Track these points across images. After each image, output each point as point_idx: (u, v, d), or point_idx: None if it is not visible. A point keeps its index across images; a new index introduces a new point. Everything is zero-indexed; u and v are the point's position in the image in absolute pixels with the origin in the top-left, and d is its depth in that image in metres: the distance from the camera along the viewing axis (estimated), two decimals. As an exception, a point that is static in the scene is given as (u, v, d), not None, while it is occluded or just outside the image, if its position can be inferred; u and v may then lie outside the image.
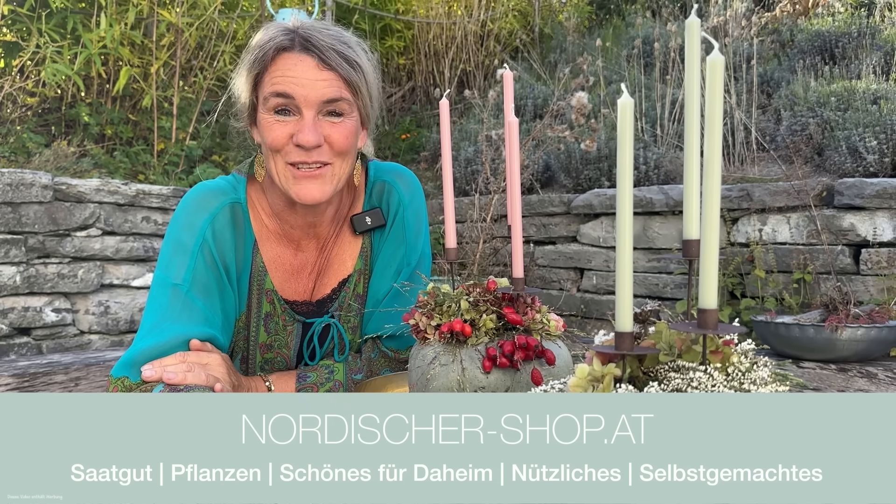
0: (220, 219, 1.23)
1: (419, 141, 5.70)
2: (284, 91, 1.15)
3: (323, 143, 1.17)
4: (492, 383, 0.96)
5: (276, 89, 1.15)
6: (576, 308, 3.93)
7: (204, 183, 1.29)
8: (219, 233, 1.23)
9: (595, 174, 4.10)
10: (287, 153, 1.17)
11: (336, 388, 1.26)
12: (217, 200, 1.25)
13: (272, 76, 1.16)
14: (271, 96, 1.15)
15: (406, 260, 1.33)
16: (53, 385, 2.45)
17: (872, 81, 4.16)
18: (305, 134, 1.15)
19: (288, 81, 1.15)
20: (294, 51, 1.16)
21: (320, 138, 1.16)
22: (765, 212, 3.36)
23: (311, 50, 1.16)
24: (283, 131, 1.16)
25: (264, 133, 1.18)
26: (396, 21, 6.45)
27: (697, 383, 0.67)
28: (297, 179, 1.18)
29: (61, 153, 3.80)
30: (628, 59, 5.45)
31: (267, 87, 1.16)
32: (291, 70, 1.15)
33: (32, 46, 4.14)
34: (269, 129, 1.17)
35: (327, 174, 1.19)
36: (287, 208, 1.28)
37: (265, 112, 1.17)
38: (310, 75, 1.15)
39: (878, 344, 2.63)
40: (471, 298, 1.00)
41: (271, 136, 1.17)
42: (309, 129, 1.15)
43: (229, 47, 4.95)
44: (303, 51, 1.16)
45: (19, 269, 3.11)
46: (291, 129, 1.16)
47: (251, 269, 1.28)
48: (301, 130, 1.15)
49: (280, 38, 1.17)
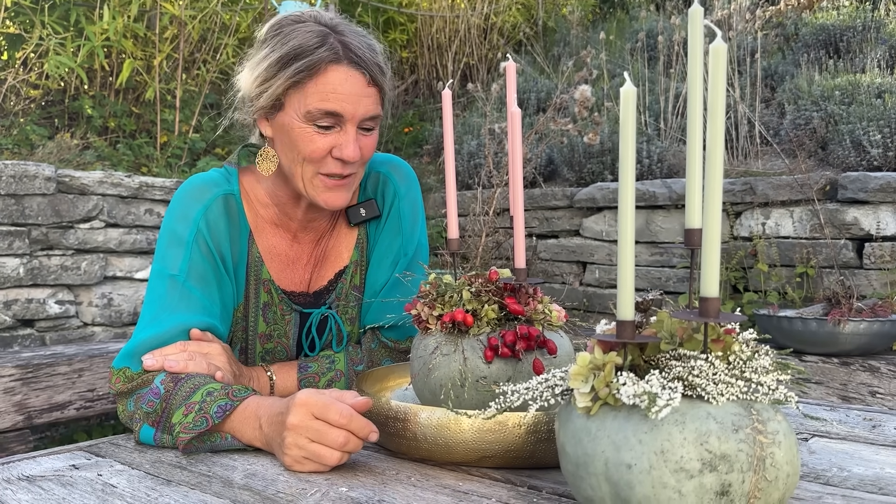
0: (213, 210, 1.24)
1: (422, 134, 5.69)
2: (334, 109, 1.15)
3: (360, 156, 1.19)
4: (493, 373, 0.96)
5: (325, 107, 1.14)
6: (578, 301, 3.93)
7: (197, 175, 1.29)
8: (213, 223, 1.23)
9: (598, 168, 4.09)
10: (324, 165, 1.18)
11: (337, 377, 1.27)
12: (210, 192, 1.25)
13: (320, 89, 1.15)
14: (319, 112, 1.15)
15: (403, 250, 1.34)
16: (56, 376, 2.45)
17: (877, 75, 4.14)
18: (350, 150, 1.16)
19: (339, 98, 1.15)
20: (343, 64, 1.15)
21: (359, 152, 1.18)
22: (768, 206, 3.35)
23: (360, 66, 1.16)
24: (324, 144, 1.17)
25: (300, 143, 1.17)
26: (400, 14, 6.44)
27: (699, 372, 0.67)
28: (329, 189, 1.20)
29: (64, 145, 3.80)
30: (632, 52, 5.43)
31: (313, 100, 1.15)
32: (342, 86, 1.15)
33: (35, 39, 4.13)
34: (309, 140, 1.17)
35: (352, 182, 1.23)
36: (291, 201, 1.28)
37: (303, 122, 1.16)
38: (359, 92, 1.16)
39: (881, 338, 2.63)
40: (473, 289, 1.00)
41: (310, 147, 1.17)
42: (353, 146, 1.16)
43: (232, 40, 4.94)
44: (351, 64, 1.16)
45: (23, 260, 3.12)
46: (331, 142, 1.17)
47: (247, 259, 1.28)
48: (345, 146, 1.16)
49: (326, 48, 1.15)
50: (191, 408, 1.02)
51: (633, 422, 0.66)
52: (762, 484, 0.64)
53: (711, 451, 0.63)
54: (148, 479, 0.92)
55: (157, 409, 1.05)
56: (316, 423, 0.91)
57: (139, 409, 1.08)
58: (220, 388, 1.04)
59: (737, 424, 0.64)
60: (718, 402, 0.65)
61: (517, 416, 0.89)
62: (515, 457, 0.91)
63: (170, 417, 1.03)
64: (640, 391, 0.65)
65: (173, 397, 1.04)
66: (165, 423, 1.04)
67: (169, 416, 1.03)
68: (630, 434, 0.65)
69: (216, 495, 0.85)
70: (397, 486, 0.87)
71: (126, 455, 1.03)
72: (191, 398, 1.03)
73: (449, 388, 0.96)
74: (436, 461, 0.95)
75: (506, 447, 0.90)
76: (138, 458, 1.02)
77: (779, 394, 0.67)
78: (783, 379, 0.69)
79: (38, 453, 1.05)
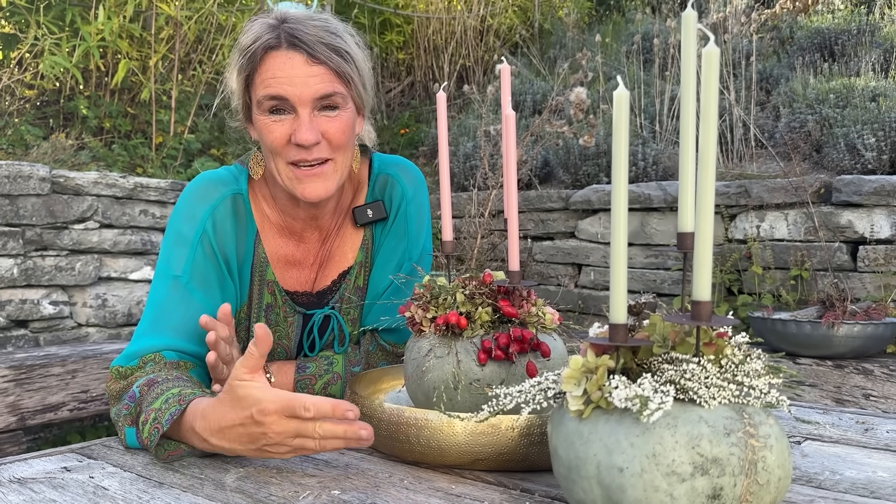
0: (220, 210, 1.23)
1: (418, 136, 5.69)
2: (277, 93, 1.14)
3: (321, 140, 1.16)
4: (487, 376, 0.96)
5: (268, 92, 1.14)
6: (573, 304, 3.93)
7: (206, 173, 1.28)
8: (219, 224, 1.23)
9: (593, 170, 4.10)
10: (287, 153, 1.17)
11: (334, 380, 1.27)
12: (218, 191, 1.24)
13: (263, 77, 1.15)
14: (265, 99, 1.15)
15: (407, 254, 1.33)
16: (50, 378, 2.45)
17: (871, 79, 4.16)
18: (303, 133, 1.14)
19: (279, 82, 1.14)
20: (282, 48, 1.15)
21: (318, 135, 1.15)
22: (762, 208, 3.36)
23: (298, 46, 1.14)
24: (281, 131, 1.16)
25: (262, 135, 1.18)
26: (396, 16, 6.44)
27: (691, 375, 0.67)
28: (300, 179, 1.18)
29: (59, 146, 3.79)
30: (627, 55, 5.44)
31: (259, 90, 1.16)
32: (281, 70, 1.14)
33: (31, 38, 4.12)
34: (267, 130, 1.16)
35: (329, 170, 1.19)
36: (290, 203, 1.28)
37: (260, 113, 1.17)
38: (300, 72, 1.14)
39: (875, 340, 2.64)
40: (467, 291, 1.00)
41: (269, 137, 1.16)
42: (306, 128, 1.14)
43: (228, 41, 4.94)
44: (290, 48, 1.15)
45: (17, 261, 3.11)
46: (289, 129, 1.16)
47: (253, 259, 1.28)
48: (298, 129, 1.14)
49: (266, 36, 1.15)
50: (149, 415, 0.98)
51: (625, 425, 0.66)
52: (754, 487, 0.64)
53: (703, 455, 0.63)
54: (140, 482, 0.92)
55: (132, 413, 1.04)
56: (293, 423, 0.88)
57: (120, 413, 1.07)
58: (177, 393, 0.99)
59: (728, 428, 0.64)
60: (710, 405, 0.65)
61: (510, 419, 0.89)
62: (508, 460, 0.90)
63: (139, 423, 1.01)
64: (632, 395, 0.65)
65: (144, 401, 1.02)
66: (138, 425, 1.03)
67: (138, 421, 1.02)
68: (622, 437, 0.65)
69: (208, 498, 0.85)
70: (390, 489, 0.87)
71: (118, 457, 1.03)
72: (153, 404, 0.99)
73: (442, 390, 0.96)
74: (429, 464, 0.95)
75: (499, 450, 0.90)
76: (130, 460, 1.01)
77: (771, 397, 0.67)
78: (775, 382, 0.69)
79: (29, 455, 1.04)
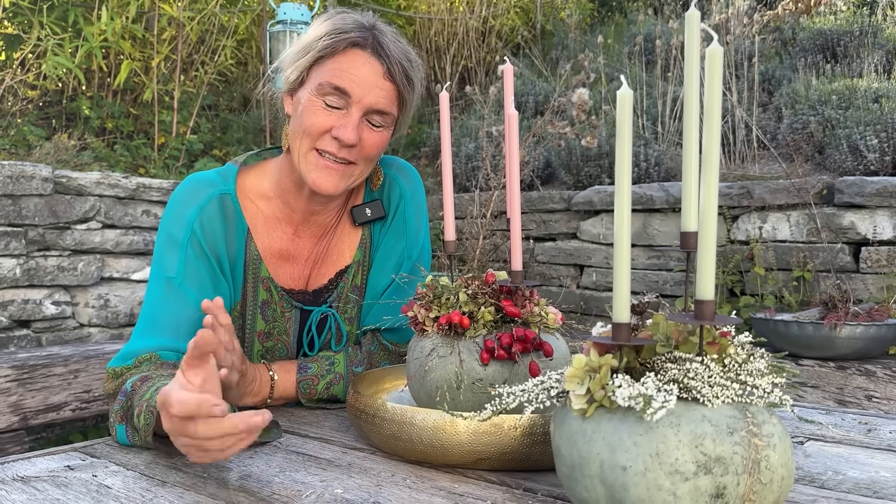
0: (208, 210, 1.24)
1: (420, 137, 5.69)
2: (344, 87, 1.17)
3: (357, 144, 1.20)
4: (489, 375, 0.96)
5: (336, 82, 1.17)
6: (575, 304, 3.93)
7: (193, 175, 1.30)
8: (207, 224, 1.24)
9: (595, 171, 4.10)
10: (320, 140, 1.19)
11: (336, 380, 1.27)
12: (205, 192, 1.25)
13: (337, 66, 1.18)
14: (328, 85, 1.18)
15: (406, 253, 1.34)
16: (52, 377, 2.45)
17: (874, 80, 4.15)
18: (348, 131, 1.17)
19: (350, 78, 1.18)
20: (366, 50, 1.19)
21: (357, 139, 1.19)
22: (765, 209, 3.36)
23: (381, 57, 1.19)
24: (327, 120, 1.19)
25: (305, 114, 1.20)
26: (398, 17, 6.44)
27: (694, 374, 0.67)
28: (318, 167, 1.20)
29: (62, 146, 3.79)
30: (630, 56, 5.44)
31: (327, 75, 1.18)
32: (358, 69, 1.18)
33: (34, 39, 4.13)
34: (313, 112, 1.19)
35: (347, 172, 1.22)
36: (294, 189, 1.29)
37: (313, 94, 1.19)
38: (373, 80, 1.19)
39: (877, 342, 2.63)
40: (469, 291, 1.00)
41: (311, 120, 1.19)
42: (352, 128, 1.18)
43: (230, 42, 4.94)
44: (374, 54, 1.19)
45: (19, 261, 3.11)
46: (333, 121, 1.19)
47: (245, 257, 1.28)
48: (344, 126, 1.18)
49: (356, 32, 1.19)
50: (142, 406, 1.00)
51: (628, 424, 0.66)
52: (757, 486, 0.64)
53: (706, 454, 0.63)
54: (143, 480, 0.92)
55: (124, 406, 1.06)
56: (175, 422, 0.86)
57: (112, 410, 1.09)
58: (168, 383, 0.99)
59: (732, 427, 0.64)
60: (714, 404, 0.65)
61: (513, 419, 0.89)
62: (511, 459, 0.90)
63: (132, 416, 1.02)
64: (635, 393, 0.65)
65: (136, 395, 1.04)
66: (130, 419, 1.03)
67: (131, 414, 1.03)
68: (625, 436, 0.65)
69: (211, 496, 0.85)
70: (393, 489, 0.87)
71: (121, 456, 1.03)
72: (144, 396, 1.01)
73: (445, 390, 0.96)
74: (431, 463, 0.95)
75: (501, 449, 0.90)
76: (133, 459, 1.01)
77: (774, 397, 0.67)
78: (778, 382, 0.69)
79: (32, 454, 1.04)
